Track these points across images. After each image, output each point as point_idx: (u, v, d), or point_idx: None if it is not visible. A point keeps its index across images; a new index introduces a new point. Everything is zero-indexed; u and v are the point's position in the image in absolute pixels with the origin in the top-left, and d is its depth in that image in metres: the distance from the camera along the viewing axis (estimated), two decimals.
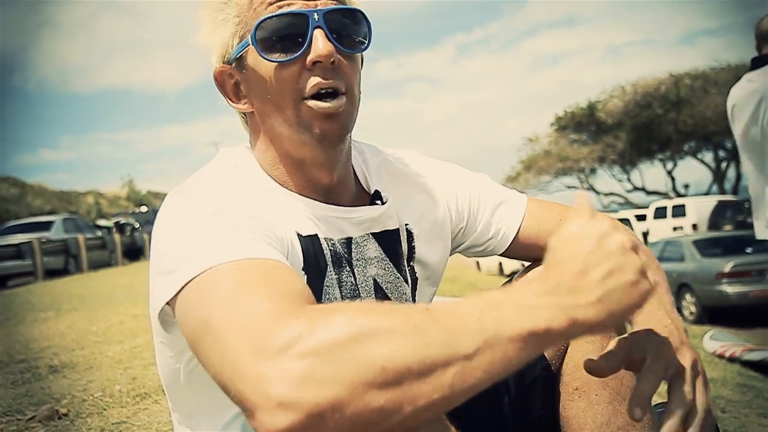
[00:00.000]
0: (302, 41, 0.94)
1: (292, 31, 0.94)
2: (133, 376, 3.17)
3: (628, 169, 33.99)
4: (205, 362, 0.71)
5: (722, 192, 28.89)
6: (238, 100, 1.04)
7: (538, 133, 36.79)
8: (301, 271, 0.96)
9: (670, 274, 10.52)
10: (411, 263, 1.13)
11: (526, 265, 1.23)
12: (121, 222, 23.75)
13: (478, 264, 20.29)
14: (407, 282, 1.11)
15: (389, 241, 1.09)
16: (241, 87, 1.02)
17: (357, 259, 1.04)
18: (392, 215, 1.10)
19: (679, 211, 19.26)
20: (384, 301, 1.07)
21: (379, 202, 1.09)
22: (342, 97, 0.96)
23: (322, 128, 0.96)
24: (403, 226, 1.12)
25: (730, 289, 9.70)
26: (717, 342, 5.97)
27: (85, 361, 3.72)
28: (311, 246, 0.99)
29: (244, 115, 1.08)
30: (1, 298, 9.77)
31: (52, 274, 14.44)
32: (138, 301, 6.58)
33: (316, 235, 1.00)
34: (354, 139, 1.13)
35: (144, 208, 31.44)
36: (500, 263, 18.27)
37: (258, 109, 1.01)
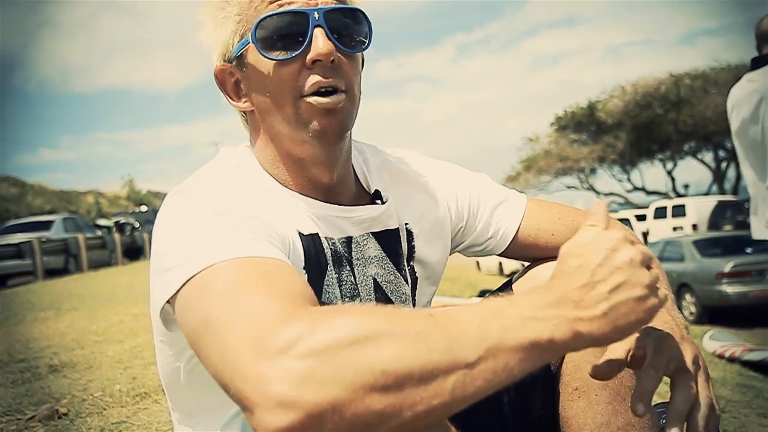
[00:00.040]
0: (302, 40, 0.94)
1: (292, 30, 0.94)
2: (133, 376, 3.16)
3: (628, 169, 33.95)
4: (205, 361, 0.71)
5: (722, 192, 28.87)
6: (239, 99, 1.04)
7: (538, 133, 36.76)
8: (302, 270, 0.96)
9: (670, 274, 10.51)
10: (411, 263, 1.13)
11: (525, 265, 1.23)
12: (121, 221, 23.75)
13: (478, 264, 20.28)
14: (407, 281, 1.11)
15: (389, 241, 1.09)
16: (242, 85, 1.02)
17: (357, 259, 1.04)
18: (392, 215, 1.10)
19: (679, 211, 19.26)
20: (384, 300, 1.07)
21: (379, 201, 1.09)
22: (341, 94, 0.96)
23: (321, 124, 0.96)
24: (403, 225, 1.12)
25: (730, 289, 9.70)
26: (717, 342, 5.97)
27: (85, 360, 3.71)
28: (312, 245, 0.99)
29: (244, 114, 1.08)
30: (1, 297, 9.76)
31: (52, 273, 14.44)
32: (138, 301, 6.57)
33: (317, 234, 1.00)
34: (354, 139, 1.14)
35: (144, 208, 31.43)
36: (500, 263, 18.28)
37: (258, 107, 1.01)
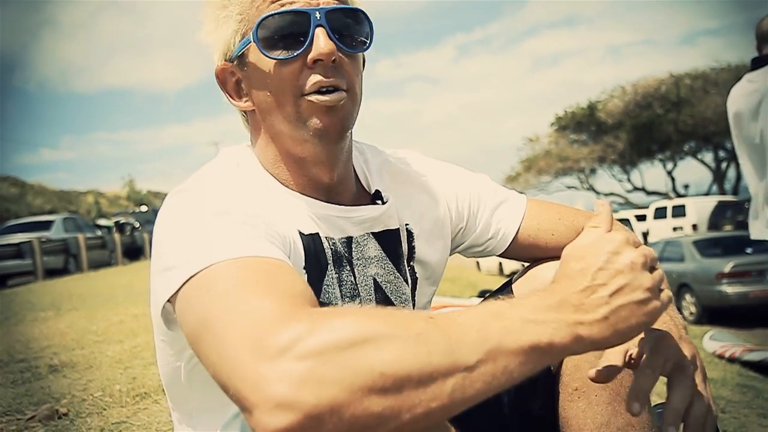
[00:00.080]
0: (304, 39, 0.94)
1: (293, 29, 0.94)
2: (133, 376, 3.16)
3: (628, 170, 33.97)
4: (205, 361, 0.71)
5: (722, 192, 28.88)
6: (240, 98, 1.04)
7: (538, 133, 36.83)
8: (303, 270, 0.96)
9: (670, 274, 10.51)
10: (411, 263, 1.13)
11: (525, 266, 1.23)
12: (121, 222, 23.73)
13: (478, 264, 20.26)
14: (407, 282, 1.11)
15: (389, 241, 1.09)
16: (243, 85, 1.02)
17: (357, 259, 1.04)
18: (393, 215, 1.10)
19: (679, 212, 19.25)
20: (383, 300, 1.07)
21: (379, 201, 1.09)
22: (342, 92, 0.96)
23: (322, 122, 0.96)
24: (403, 225, 1.12)
25: (730, 290, 9.70)
26: (717, 342, 5.97)
27: (85, 360, 3.71)
28: (312, 245, 0.99)
29: (245, 113, 1.08)
30: (1, 297, 9.76)
31: (52, 273, 14.44)
32: (138, 301, 6.57)
33: (318, 233, 1.00)
34: (355, 140, 1.14)
35: (144, 208, 31.39)
36: (500, 263, 18.26)
37: (259, 106, 1.01)
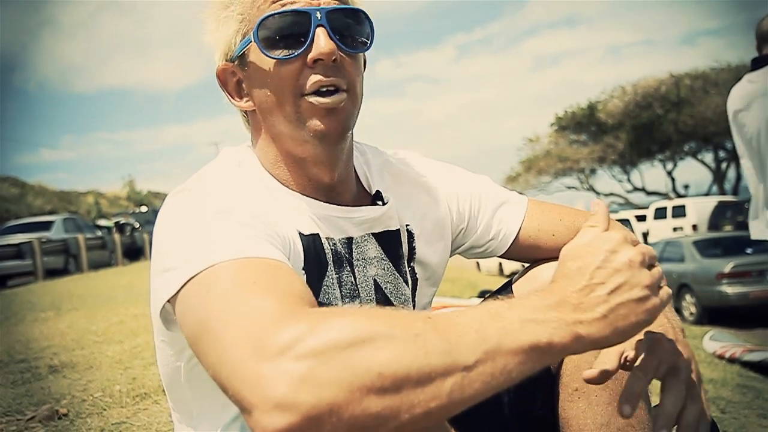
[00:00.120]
0: (304, 39, 0.94)
1: (294, 29, 0.94)
2: (133, 376, 3.16)
3: (628, 170, 33.95)
4: (204, 361, 0.71)
5: (722, 192, 28.87)
6: (240, 99, 1.04)
7: (538, 133, 36.79)
8: (302, 270, 0.96)
9: (670, 275, 10.52)
10: (412, 264, 1.13)
11: (525, 266, 1.23)
12: (121, 222, 23.73)
13: (478, 264, 20.26)
14: (407, 283, 1.11)
15: (390, 242, 1.09)
16: (243, 85, 1.03)
17: (357, 259, 1.04)
18: (393, 216, 1.10)
19: (679, 212, 19.25)
20: (383, 300, 1.07)
21: (380, 202, 1.09)
22: (343, 93, 0.96)
23: (322, 124, 0.96)
24: (404, 226, 1.12)
25: (730, 290, 9.71)
26: (717, 343, 5.96)
27: (85, 361, 3.71)
28: (312, 245, 0.99)
29: (245, 113, 1.08)
30: (1, 297, 9.76)
31: (52, 273, 14.44)
32: (138, 301, 6.57)
33: (318, 234, 1.00)
34: (356, 140, 1.14)
35: (144, 208, 31.38)
36: (500, 263, 18.26)
37: (259, 106, 1.01)
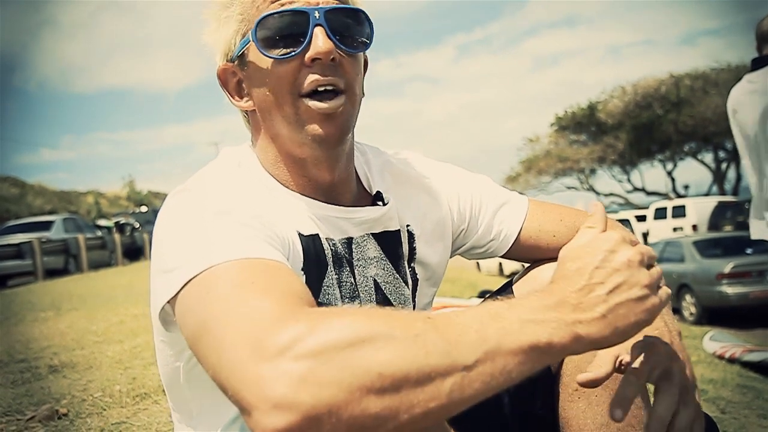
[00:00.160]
0: (303, 39, 0.94)
1: (293, 29, 0.95)
2: (133, 376, 3.16)
3: (628, 170, 33.95)
4: (204, 361, 0.71)
5: (722, 193, 28.87)
6: (240, 99, 1.04)
7: (538, 134, 36.78)
8: (301, 270, 0.96)
9: (670, 275, 10.52)
10: (412, 264, 1.13)
11: (525, 266, 1.23)
12: (122, 222, 23.74)
13: (478, 265, 20.26)
14: (407, 283, 1.11)
15: (389, 242, 1.09)
16: (243, 85, 1.03)
17: (357, 260, 1.04)
18: (393, 216, 1.10)
19: (679, 212, 19.25)
20: (383, 301, 1.07)
21: (380, 203, 1.09)
22: (341, 96, 0.96)
23: (320, 129, 0.96)
24: (404, 227, 1.12)
25: (730, 290, 9.71)
26: (717, 343, 5.96)
27: (85, 361, 3.71)
28: (312, 245, 0.99)
29: (246, 114, 1.08)
30: (1, 297, 9.76)
31: (52, 273, 14.45)
32: (138, 301, 6.57)
33: (318, 234, 1.00)
34: (356, 141, 1.13)
35: (144, 208, 31.38)
36: (500, 264, 18.27)
37: (259, 106, 1.01)
